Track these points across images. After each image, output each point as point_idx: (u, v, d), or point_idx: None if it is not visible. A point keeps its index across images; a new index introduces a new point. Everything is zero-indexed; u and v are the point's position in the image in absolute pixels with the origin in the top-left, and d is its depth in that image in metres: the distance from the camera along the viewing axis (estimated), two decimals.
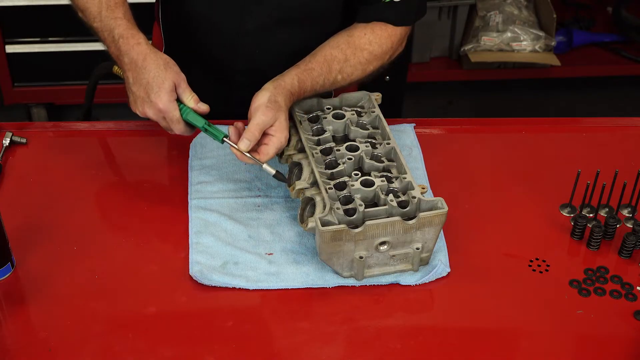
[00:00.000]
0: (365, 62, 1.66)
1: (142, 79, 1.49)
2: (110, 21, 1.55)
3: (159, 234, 1.53)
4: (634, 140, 1.80)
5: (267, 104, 1.48)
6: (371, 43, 1.66)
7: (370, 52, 1.66)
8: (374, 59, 1.67)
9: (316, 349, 1.34)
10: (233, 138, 1.50)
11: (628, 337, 1.38)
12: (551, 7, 3.32)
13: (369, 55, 1.66)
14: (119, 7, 1.56)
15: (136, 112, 1.53)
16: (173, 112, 1.49)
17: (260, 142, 1.50)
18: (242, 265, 1.45)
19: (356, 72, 1.65)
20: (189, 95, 1.51)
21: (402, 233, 1.40)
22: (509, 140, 1.79)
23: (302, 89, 1.57)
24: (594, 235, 1.52)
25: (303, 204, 1.48)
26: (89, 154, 1.71)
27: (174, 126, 1.51)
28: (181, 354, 1.33)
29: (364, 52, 1.65)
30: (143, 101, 1.50)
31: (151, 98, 1.48)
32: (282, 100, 1.50)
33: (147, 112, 1.50)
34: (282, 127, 1.49)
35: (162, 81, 1.48)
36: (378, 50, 1.67)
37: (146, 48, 1.51)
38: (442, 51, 3.45)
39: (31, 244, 1.49)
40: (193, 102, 1.51)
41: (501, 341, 1.38)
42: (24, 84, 3.19)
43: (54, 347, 1.33)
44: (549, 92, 3.58)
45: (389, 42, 1.68)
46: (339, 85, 1.65)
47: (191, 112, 1.51)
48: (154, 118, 1.51)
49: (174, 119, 1.50)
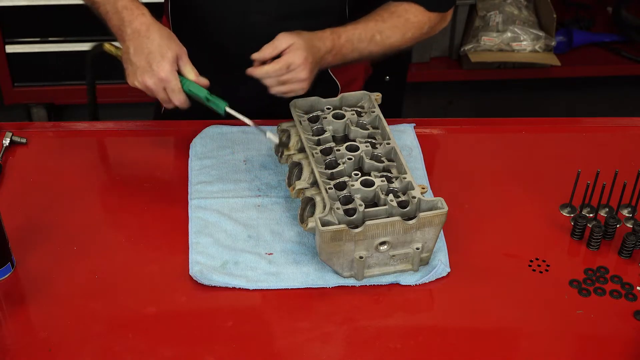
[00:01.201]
0: (401, 26, 1.67)
1: (144, 48, 1.49)
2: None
3: (159, 234, 1.53)
4: (634, 140, 1.80)
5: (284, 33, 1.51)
6: (407, 11, 1.67)
7: (407, 20, 1.67)
8: (412, 26, 1.68)
9: (316, 349, 1.34)
10: None
11: (628, 337, 1.38)
12: (551, 7, 3.32)
13: (405, 22, 1.67)
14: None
15: (134, 83, 1.51)
16: (174, 82, 1.49)
17: None
18: (242, 265, 1.45)
19: (394, 35, 1.66)
20: (190, 68, 1.51)
21: (402, 233, 1.40)
22: (509, 140, 1.79)
23: (337, 40, 1.58)
24: (594, 235, 1.52)
25: (303, 204, 1.48)
26: (89, 154, 1.71)
27: (174, 96, 1.50)
28: (181, 354, 1.33)
29: (400, 18, 1.67)
30: (144, 71, 1.49)
31: (153, 67, 1.48)
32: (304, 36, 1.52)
33: (146, 82, 1.49)
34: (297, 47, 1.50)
35: (165, 50, 1.48)
36: (414, 19, 1.68)
37: (150, 19, 1.52)
38: (442, 51, 3.45)
39: (31, 244, 1.49)
40: (194, 74, 1.51)
41: (501, 341, 1.38)
42: (24, 84, 3.18)
43: (54, 347, 1.33)
44: (549, 92, 3.57)
45: (425, 15, 1.69)
46: (379, 47, 1.66)
47: (192, 83, 1.51)
48: (153, 88, 1.49)
49: (175, 88, 1.49)
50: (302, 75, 1.52)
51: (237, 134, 1.72)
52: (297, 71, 1.52)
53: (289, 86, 1.54)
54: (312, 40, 1.56)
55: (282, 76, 1.52)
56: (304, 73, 1.52)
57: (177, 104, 1.51)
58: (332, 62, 1.62)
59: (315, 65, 1.56)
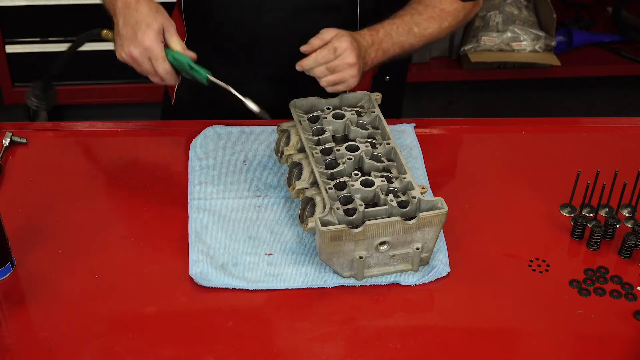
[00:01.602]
0: (437, 17, 1.69)
1: (131, 18, 1.50)
2: None
3: (159, 234, 1.53)
4: (634, 140, 1.80)
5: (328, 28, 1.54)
6: (441, 2, 1.69)
7: (442, 10, 1.69)
8: (448, 15, 1.70)
9: (316, 349, 1.34)
10: None
11: (628, 337, 1.38)
12: (551, 7, 3.32)
13: (441, 12, 1.69)
14: None
15: (121, 55, 1.52)
16: (158, 51, 1.49)
17: None
18: (242, 265, 1.45)
19: (432, 26, 1.68)
20: (177, 39, 1.52)
21: (402, 233, 1.40)
22: (509, 140, 1.79)
23: (375, 35, 1.61)
24: (594, 235, 1.52)
25: (303, 204, 1.48)
26: (89, 154, 1.71)
27: (158, 65, 1.50)
28: (181, 354, 1.33)
29: (435, 8, 1.69)
30: (130, 41, 1.50)
31: (138, 36, 1.49)
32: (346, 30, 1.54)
33: (132, 52, 1.49)
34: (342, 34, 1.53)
35: (151, 21, 1.49)
36: (449, 8, 1.70)
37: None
38: (442, 51, 3.45)
39: (31, 243, 1.49)
40: (180, 46, 1.52)
41: (501, 341, 1.38)
42: (24, 84, 3.18)
43: (54, 347, 1.33)
44: (549, 92, 3.58)
45: (459, 3, 1.71)
46: (417, 39, 1.68)
47: (177, 53, 1.51)
48: (138, 57, 1.50)
49: (159, 57, 1.49)
50: (350, 59, 1.53)
51: (237, 134, 1.72)
52: (345, 56, 1.53)
53: (338, 74, 1.55)
54: (353, 35, 1.58)
55: (330, 62, 1.53)
56: (351, 57, 1.53)
57: (162, 73, 1.51)
58: (375, 57, 1.63)
59: (361, 57, 1.57)
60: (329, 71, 1.55)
